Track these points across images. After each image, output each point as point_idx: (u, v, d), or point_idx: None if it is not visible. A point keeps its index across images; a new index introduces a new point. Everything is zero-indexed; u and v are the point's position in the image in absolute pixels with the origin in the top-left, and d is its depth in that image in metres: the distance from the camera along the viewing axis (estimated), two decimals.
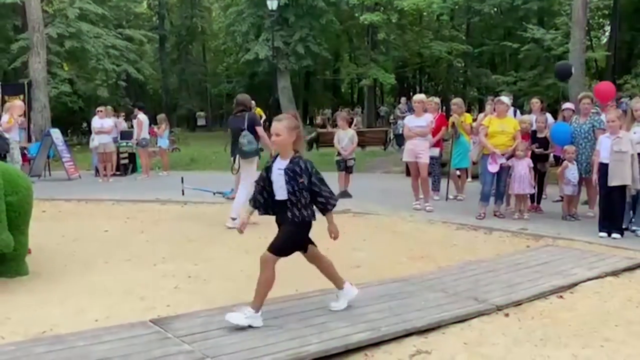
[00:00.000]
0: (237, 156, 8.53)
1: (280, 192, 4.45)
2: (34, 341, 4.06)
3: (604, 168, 7.56)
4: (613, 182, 7.39)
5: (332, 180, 11.29)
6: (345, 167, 10.97)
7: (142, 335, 4.10)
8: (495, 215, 8.93)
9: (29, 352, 3.77)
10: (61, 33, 24.57)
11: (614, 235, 7.43)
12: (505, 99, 9.47)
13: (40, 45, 19.49)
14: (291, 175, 4.40)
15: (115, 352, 3.79)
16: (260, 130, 8.61)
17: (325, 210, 4.56)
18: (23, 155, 14.24)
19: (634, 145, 7.48)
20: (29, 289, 5.57)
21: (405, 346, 4.15)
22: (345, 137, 11.05)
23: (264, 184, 4.55)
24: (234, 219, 8.21)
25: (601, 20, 33.21)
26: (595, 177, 7.83)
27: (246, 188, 8.14)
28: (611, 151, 7.45)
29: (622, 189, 7.45)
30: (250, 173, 8.37)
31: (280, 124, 4.45)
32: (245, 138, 8.37)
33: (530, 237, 7.72)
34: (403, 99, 24.56)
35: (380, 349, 4.11)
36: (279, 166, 4.46)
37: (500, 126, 8.88)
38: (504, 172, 8.91)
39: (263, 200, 4.59)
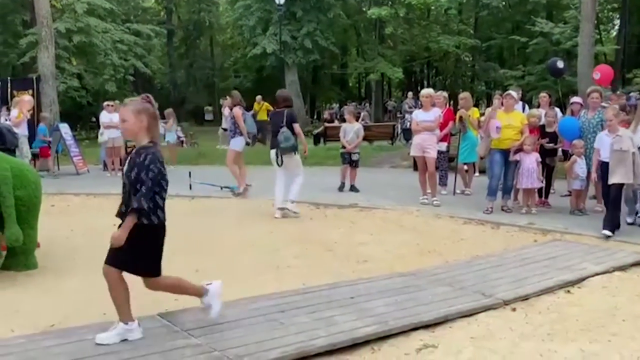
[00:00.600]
0: (279, 151, 8.80)
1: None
2: (43, 334, 4.10)
3: (604, 166, 7.45)
4: (613, 179, 7.24)
5: (337, 173, 11.34)
6: (349, 160, 10.99)
7: (150, 328, 4.12)
8: (502, 209, 8.91)
9: (38, 345, 3.80)
10: (69, 28, 24.66)
11: (603, 231, 7.25)
12: (514, 93, 9.44)
13: (48, 40, 19.52)
14: (131, 165, 3.82)
15: (124, 345, 3.82)
16: (297, 127, 8.94)
17: (127, 212, 3.83)
18: (46, 148, 14.41)
19: (635, 143, 7.36)
20: (38, 283, 5.61)
21: (412, 340, 4.16)
22: (350, 131, 11.08)
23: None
24: (281, 209, 8.87)
25: (610, 13, 33.02)
26: (594, 175, 7.81)
27: (282, 180, 8.91)
28: (611, 150, 7.32)
29: (622, 186, 7.34)
30: (290, 167, 8.92)
31: (126, 109, 3.87)
32: (283, 135, 8.70)
33: (538, 232, 7.70)
34: (410, 94, 24.51)
35: (387, 342, 4.12)
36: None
37: (507, 120, 8.85)
38: (511, 167, 8.88)
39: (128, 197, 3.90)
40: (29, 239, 5.88)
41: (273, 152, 8.88)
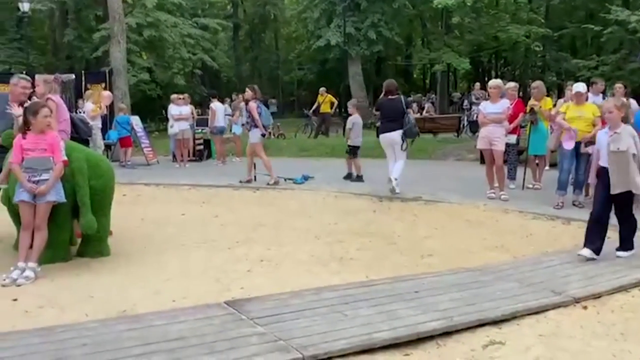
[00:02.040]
0: (405, 134, 9.67)
1: None
2: (115, 319, 4.25)
3: (604, 172, 5.97)
4: (616, 189, 5.80)
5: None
6: (349, 151, 11.53)
7: (217, 316, 4.21)
8: (574, 205, 8.61)
9: (111, 330, 3.94)
10: (140, 22, 25.34)
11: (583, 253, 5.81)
12: (582, 86, 8.99)
13: (120, 35, 20.11)
14: None
15: (192, 332, 3.91)
16: (410, 112, 10.19)
17: None
18: (128, 138, 14.91)
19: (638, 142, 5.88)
20: (110, 269, 5.83)
21: (478, 336, 4.09)
22: (350, 123, 11.73)
23: None
24: (396, 178, 9.58)
25: None
26: (593, 182, 6.52)
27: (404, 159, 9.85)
28: (607, 151, 5.87)
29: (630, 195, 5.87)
30: (400, 149, 9.82)
31: None
32: (412, 120, 9.78)
33: (611, 229, 7.36)
34: (477, 85, 24.00)
35: (452, 338, 4.06)
36: None
37: (578, 112, 8.53)
38: (583, 160, 8.56)
39: None
40: (103, 227, 6.12)
41: (388, 135, 9.74)
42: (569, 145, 8.46)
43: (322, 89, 22.84)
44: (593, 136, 8.41)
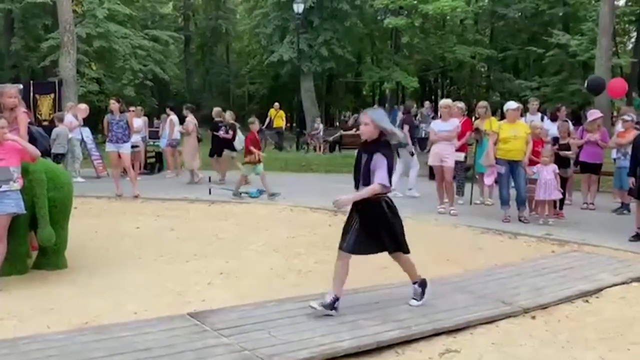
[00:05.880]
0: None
1: None
2: (80, 330, 4.25)
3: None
4: None
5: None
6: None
7: (181, 327, 4.27)
8: (520, 220, 8.99)
9: (77, 341, 3.95)
10: (90, 33, 24.96)
11: None
12: (514, 104, 9.47)
13: (70, 45, 19.82)
14: None
15: (159, 342, 3.96)
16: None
17: None
18: None
19: None
20: (68, 282, 5.79)
21: (434, 345, 4.28)
22: None
23: None
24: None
25: (627, 26, 33.03)
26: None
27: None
28: None
29: None
30: None
31: None
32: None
33: (555, 243, 7.77)
34: (427, 103, 24.57)
35: (411, 347, 4.24)
36: None
37: (512, 131, 8.97)
38: (521, 178, 8.98)
39: None
40: (60, 240, 6.07)
41: None
42: (488, 181, 9.13)
43: (276, 104, 23.04)
44: (536, 156, 8.86)
